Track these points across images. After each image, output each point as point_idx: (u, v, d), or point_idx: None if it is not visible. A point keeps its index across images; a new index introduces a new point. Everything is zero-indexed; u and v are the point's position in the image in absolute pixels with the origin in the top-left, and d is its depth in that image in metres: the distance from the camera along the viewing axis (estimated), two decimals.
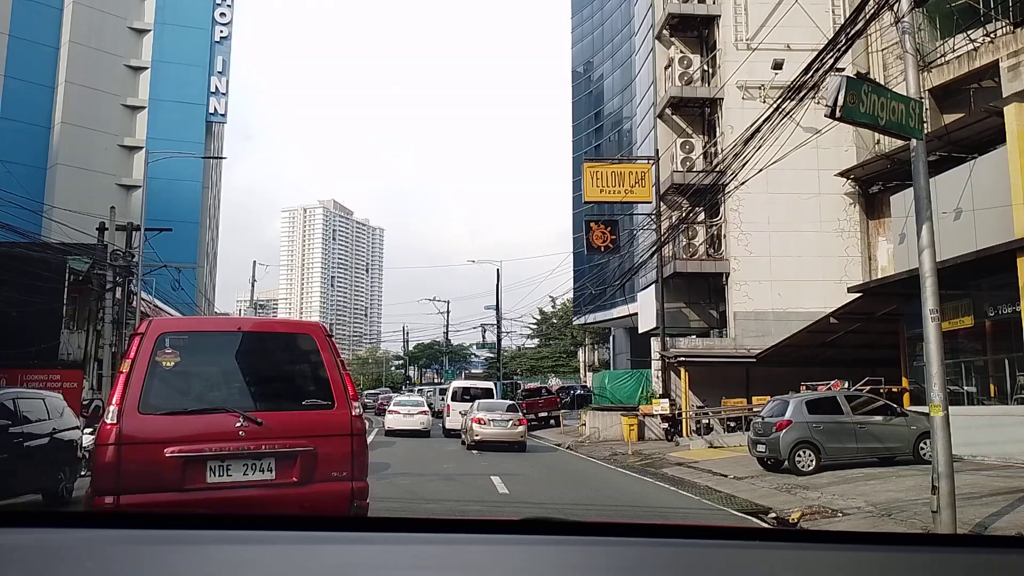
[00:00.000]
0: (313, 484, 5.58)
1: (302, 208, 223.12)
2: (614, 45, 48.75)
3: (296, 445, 5.55)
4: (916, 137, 7.63)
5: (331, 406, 5.81)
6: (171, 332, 5.76)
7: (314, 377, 5.93)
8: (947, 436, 7.43)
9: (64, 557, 1.43)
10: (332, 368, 5.91)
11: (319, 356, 5.91)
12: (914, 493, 10.53)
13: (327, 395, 5.83)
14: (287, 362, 6.21)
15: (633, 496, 12.73)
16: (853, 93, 6.76)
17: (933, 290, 7.72)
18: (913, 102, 7.37)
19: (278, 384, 6.10)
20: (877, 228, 25.62)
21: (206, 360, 5.93)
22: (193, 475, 5.26)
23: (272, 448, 5.47)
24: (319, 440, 5.66)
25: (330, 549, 1.50)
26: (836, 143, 24.79)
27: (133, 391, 5.30)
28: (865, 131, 25.97)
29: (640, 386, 28.44)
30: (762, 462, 14.60)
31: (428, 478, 14.16)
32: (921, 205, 7.71)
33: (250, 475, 5.40)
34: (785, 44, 24.22)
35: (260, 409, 5.60)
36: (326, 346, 5.99)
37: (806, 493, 11.57)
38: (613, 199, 27.11)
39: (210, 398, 5.76)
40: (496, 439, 20.63)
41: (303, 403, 5.86)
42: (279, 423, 5.60)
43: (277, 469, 5.49)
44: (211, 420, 5.49)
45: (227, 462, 5.37)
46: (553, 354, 68.18)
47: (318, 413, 5.77)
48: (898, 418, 14.11)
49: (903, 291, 17.61)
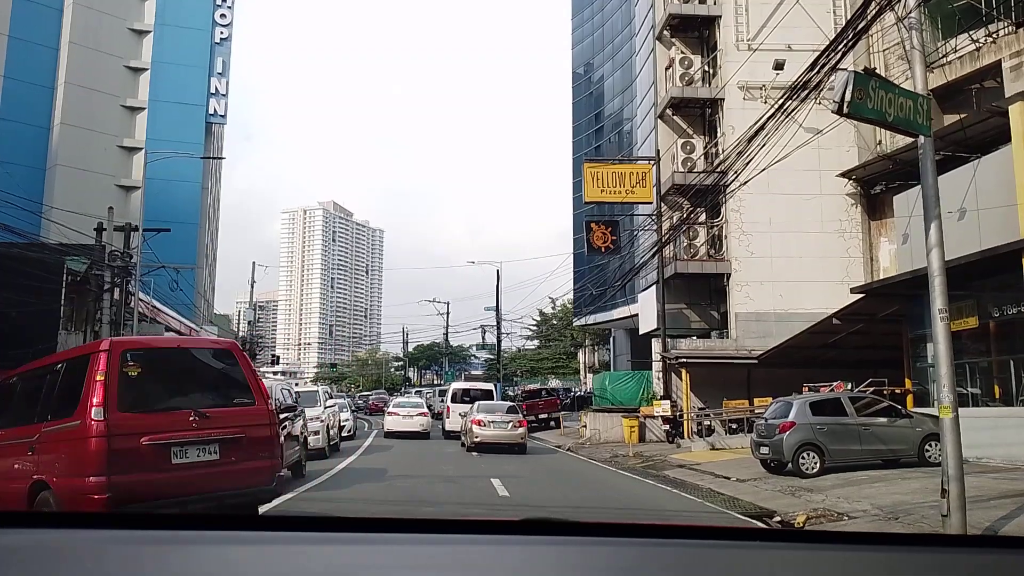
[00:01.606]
0: (247, 462, 7.27)
1: (302, 209, 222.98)
2: (614, 46, 48.62)
3: (233, 433, 7.22)
4: (924, 134, 7.50)
5: (253, 403, 7.53)
6: (130, 348, 7.32)
7: (238, 381, 7.59)
8: (957, 438, 7.30)
9: (64, 557, 1.45)
10: (249, 374, 7.74)
11: (239, 366, 7.70)
12: (920, 496, 10.40)
13: (249, 395, 7.56)
14: (217, 370, 7.81)
15: (635, 498, 12.60)
16: (861, 88, 6.63)
17: (942, 289, 7.60)
18: (921, 98, 7.25)
19: (214, 387, 7.69)
20: (879, 229, 25.50)
21: (158, 370, 7.41)
22: (163, 457, 6.76)
23: (216, 436, 7.08)
24: (248, 428, 7.36)
25: (330, 550, 1.52)
26: (837, 143, 24.67)
27: (112, 394, 6.65)
28: (867, 131, 25.88)
29: (641, 387, 28.27)
30: (765, 464, 14.46)
31: (427, 480, 14.02)
32: (929, 203, 7.58)
33: (202, 456, 6.98)
34: (786, 45, 24.10)
35: (204, 406, 7.18)
36: (243, 358, 7.95)
37: (810, 496, 11.43)
38: (614, 199, 26.97)
39: (168, 399, 7.29)
40: (496, 441, 20.49)
41: (234, 401, 7.54)
42: (219, 417, 7.21)
43: (220, 451, 7.08)
44: (172, 415, 7.00)
45: (185, 447, 6.90)
46: (553, 355, 68.00)
47: (245, 408, 7.48)
48: (903, 420, 13.97)
49: (906, 292, 17.49)
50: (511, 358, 66.78)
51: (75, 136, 43.23)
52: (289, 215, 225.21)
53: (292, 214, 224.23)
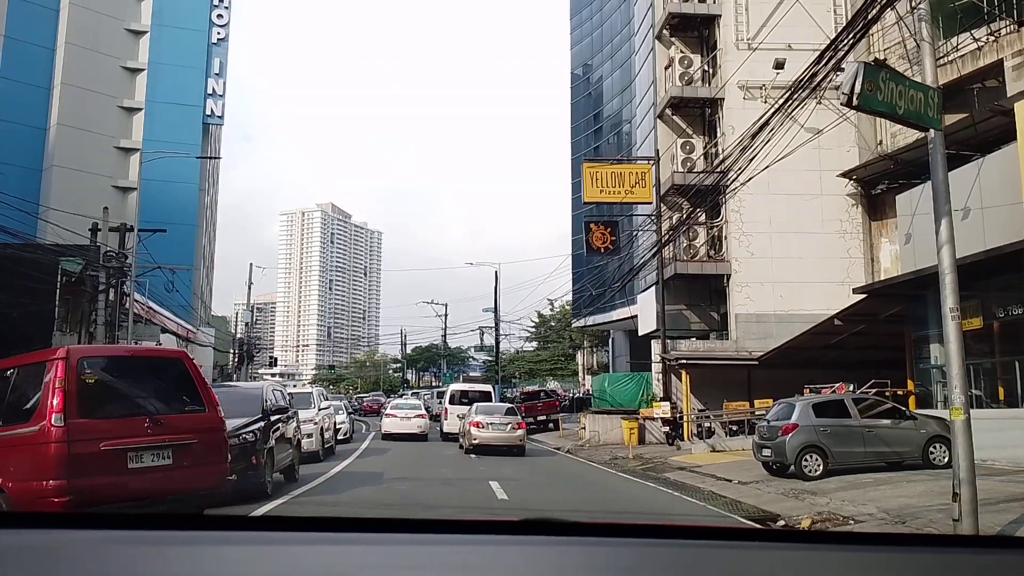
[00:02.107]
0: (198, 467, 7.57)
1: (300, 211, 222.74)
2: (613, 46, 48.46)
3: (185, 439, 7.52)
4: (934, 127, 7.32)
5: (204, 410, 7.87)
6: (87, 357, 7.65)
7: (189, 389, 7.89)
8: (969, 440, 7.11)
9: (63, 558, 1.45)
10: (200, 382, 8.06)
11: (189, 374, 7.99)
12: (927, 499, 10.22)
13: (200, 402, 7.89)
14: (169, 378, 8.02)
15: (636, 501, 12.40)
16: (871, 80, 6.45)
17: (953, 287, 7.41)
18: (931, 91, 7.07)
19: (166, 394, 7.89)
20: (880, 229, 25.35)
21: (114, 377, 7.67)
22: (120, 462, 7.01)
23: (170, 441, 7.36)
24: (200, 434, 7.67)
25: (329, 550, 1.51)
26: (838, 143, 24.54)
27: (71, 401, 6.87)
28: (867, 131, 25.76)
29: (640, 389, 28.07)
30: (767, 467, 14.27)
31: (425, 483, 13.82)
32: (940, 199, 7.40)
33: (156, 461, 7.26)
34: (786, 44, 23.94)
35: (158, 413, 7.47)
36: (193, 366, 8.25)
37: (814, 499, 11.23)
38: (613, 200, 26.79)
39: (124, 405, 7.56)
40: (494, 443, 20.29)
41: (186, 408, 7.82)
42: (172, 423, 7.49)
43: (173, 456, 7.36)
44: (128, 422, 7.26)
45: (141, 452, 7.18)
46: (552, 357, 67.79)
47: (196, 415, 7.79)
48: (907, 421, 13.77)
49: (909, 292, 17.34)
50: (509, 360, 66.58)
51: (72, 137, 42.98)
52: (287, 217, 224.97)
53: (290, 216, 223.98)
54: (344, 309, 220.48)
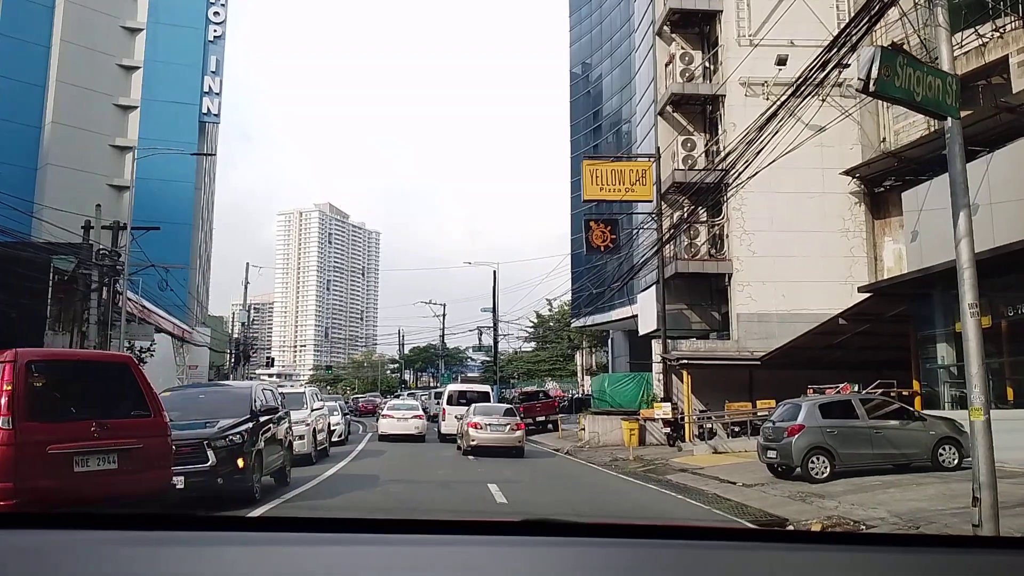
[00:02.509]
0: (143, 471, 7.56)
1: (298, 212, 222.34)
2: (613, 43, 48.15)
3: (131, 443, 7.52)
4: (952, 116, 7.02)
5: (150, 415, 7.86)
6: (35, 360, 7.49)
7: (135, 394, 7.86)
8: (989, 442, 6.80)
9: (63, 558, 1.45)
10: (146, 387, 8.02)
11: (135, 379, 7.98)
12: (940, 502, 9.90)
13: (146, 407, 7.87)
14: (116, 383, 8.01)
15: (639, 505, 12.06)
16: (888, 65, 6.13)
17: (972, 283, 7.09)
18: (950, 77, 6.77)
19: (113, 399, 7.87)
20: (883, 228, 25.06)
21: (61, 381, 7.67)
22: (66, 465, 6.98)
23: (116, 446, 7.36)
24: (145, 439, 7.68)
25: (328, 550, 1.51)
26: (840, 140, 24.26)
27: (19, 404, 6.84)
28: (871, 128, 25.48)
29: (641, 389, 27.75)
30: (772, 468, 13.94)
31: (422, 486, 13.48)
32: (958, 191, 7.09)
33: (102, 465, 7.25)
34: (788, 40, 23.64)
35: (105, 417, 7.44)
36: (138, 371, 8.22)
37: (822, 502, 10.92)
38: (613, 197, 26.49)
39: (71, 409, 7.55)
40: (493, 444, 19.96)
41: (131, 413, 7.78)
42: (118, 427, 7.49)
43: (119, 461, 7.37)
44: (75, 425, 7.25)
45: (87, 456, 7.16)
46: (550, 357, 67.47)
47: (142, 420, 7.78)
48: (915, 422, 13.44)
49: (915, 291, 17.05)
50: (508, 360, 66.25)
51: (67, 135, 42.65)
52: (285, 217, 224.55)
53: (288, 216, 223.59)
54: (342, 309, 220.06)
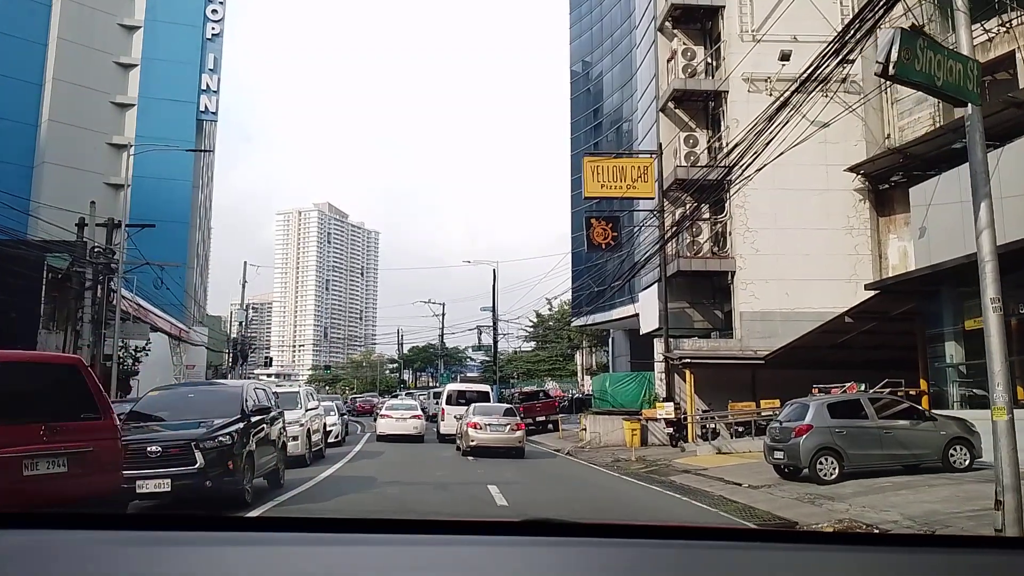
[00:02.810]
0: (93, 475, 7.39)
1: (297, 211, 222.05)
2: (613, 40, 47.83)
3: (81, 446, 7.34)
4: (973, 102, 6.72)
5: (100, 418, 7.71)
6: None
7: (84, 396, 7.68)
8: (1013, 443, 6.50)
9: (63, 558, 1.45)
10: (96, 389, 7.90)
11: (85, 380, 7.83)
12: (954, 505, 9.60)
13: (96, 409, 7.72)
14: (64, 385, 7.81)
15: (646, 508, 11.73)
16: (908, 48, 5.83)
17: (994, 276, 6.78)
18: (971, 62, 6.46)
19: (62, 401, 7.67)
20: (888, 225, 24.77)
21: (9, 383, 7.43)
22: (15, 469, 6.82)
23: (66, 449, 7.19)
24: (95, 442, 7.51)
25: (328, 551, 1.50)
26: (845, 137, 24.00)
27: None
28: (875, 124, 25.19)
29: (643, 389, 27.42)
30: (778, 469, 13.63)
31: (420, 487, 13.15)
32: (979, 180, 6.78)
33: (51, 469, 7.10)
34: (792, 35, 23.32)
35: (55, 420, 7.28)
36: (88, 372, 8.07)
37: (832, 504, 10.60)
38: (614, 194, 26.17)
39: (19, 412, 7.28)
40: (493, 445, 19.65)
41: (81, 416, 7.60)
42: (68, 431, 7.32)
43: (69, 464, 7.21)
44: (24, 429, 7.05)
45: (36, 459, 7.03)
46: (550, 357, 67.17)
47: (92, 423, 7.61)
48: (926, 423, 13.13)
49: (923, 288, 16.75)
50: (507, 360, 65.97)
51: (63, 133, 42.41)
52: (284, 217, 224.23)
53: (287, 216, 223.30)
54: (341, 309, 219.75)
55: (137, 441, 9.03)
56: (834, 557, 1.57)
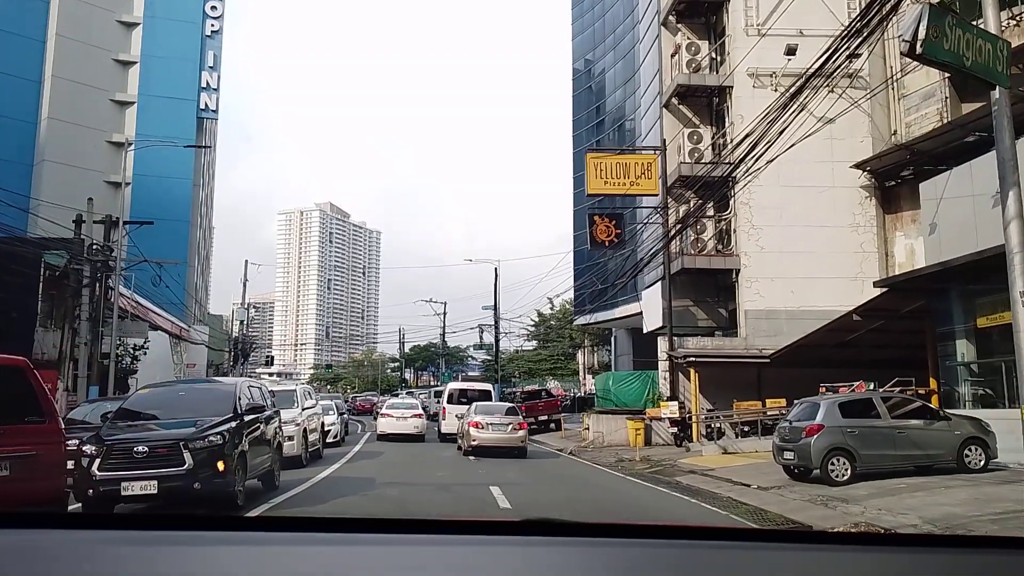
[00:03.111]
0: (36, 480, 7.14)
1: (298, 211, 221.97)
2: (616, 36, 47.46)
3: (24, 451, 7.08)
4: (1003, 84, 6.40)
5: (44, 422, 7.52)
6: None
7: (29, 399, 7.43)
8: None
9: (62, 558, 1.45)
10: (41, 391, 7.63)
11: (29, 382, 7.54)
12: (974, 507, 9.27)
13: (41, 413, 7.52)
14: (8, 387, 7.44)
15: (651, 510, 11.41)
16: (936, 26, 5.51)
17: (1022, 268, 6.44)
18: (1000, 42, 6.14)
19: (7, 404, 7.32)
20: (894, 223, 24.43)
21: None
22: None
23: (9, 453, 6.88)
24: (39, 446, 7.28)
25: (328, 551, 1.50)
26: (851, 133, 23.70)
27: None
28: (881, 120, 24.84)
29: (646, 388, 27.07)
30: (788, 470, 13.30)
31: (420, 488, 12.84)
32: (1007, 168, 6.46)
33: None
34: (798, 30, 23.04)
35: None
36: (34, 374, 7.72)
37: (846, 507, 10.28)
38: (617, 191, 25.82)
39: None
40: (495, 444, 19.33)
41: (25, 419, 7.35)
42: (11, 434, 7.00)
43: (11, 469, 6.91)
44: None
45: None
46: (552, 356, 66.84)
47: (36, 427, 7.40)
48: (940, 422, 12.79)
49: (933, 285, 16.43)
50: (509, 359, 65.65)
51: (63, 131, 42.21)
52: (286, 216, 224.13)
53: (289, 215, 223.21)
54: (342, 308, 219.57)
55: (123, 441, 8.68)
56: (837, 557, 1.56)
